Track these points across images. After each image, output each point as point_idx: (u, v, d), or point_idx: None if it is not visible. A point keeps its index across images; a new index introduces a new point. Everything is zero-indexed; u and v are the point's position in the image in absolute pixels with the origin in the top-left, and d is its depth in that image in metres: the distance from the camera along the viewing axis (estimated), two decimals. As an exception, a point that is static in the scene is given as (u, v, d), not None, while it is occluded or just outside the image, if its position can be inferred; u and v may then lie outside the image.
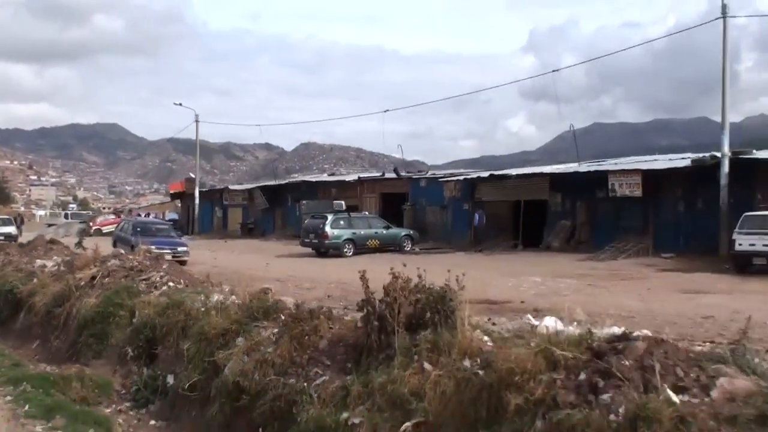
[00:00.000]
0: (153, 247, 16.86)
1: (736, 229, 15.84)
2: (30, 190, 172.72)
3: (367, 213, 25.96)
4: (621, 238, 21.52)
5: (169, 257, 17.98)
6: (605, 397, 4.49)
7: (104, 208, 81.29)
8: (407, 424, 5.32)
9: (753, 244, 15.30)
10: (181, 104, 39.87)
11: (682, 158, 21.03)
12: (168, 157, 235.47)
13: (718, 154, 19.23)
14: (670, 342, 5.17)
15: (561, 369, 4.91)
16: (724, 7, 18.74)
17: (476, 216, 23.91)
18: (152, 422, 8.06)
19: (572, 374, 4.87)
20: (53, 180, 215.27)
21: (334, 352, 7.07)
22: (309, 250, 22.66)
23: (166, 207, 57.35)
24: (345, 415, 5.71)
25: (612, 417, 4.26)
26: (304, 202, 29.60)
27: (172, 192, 50.65)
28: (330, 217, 22.50)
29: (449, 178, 27.22)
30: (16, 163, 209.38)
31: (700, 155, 20.28)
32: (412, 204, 28.66)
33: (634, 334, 5.16)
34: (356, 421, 5.60)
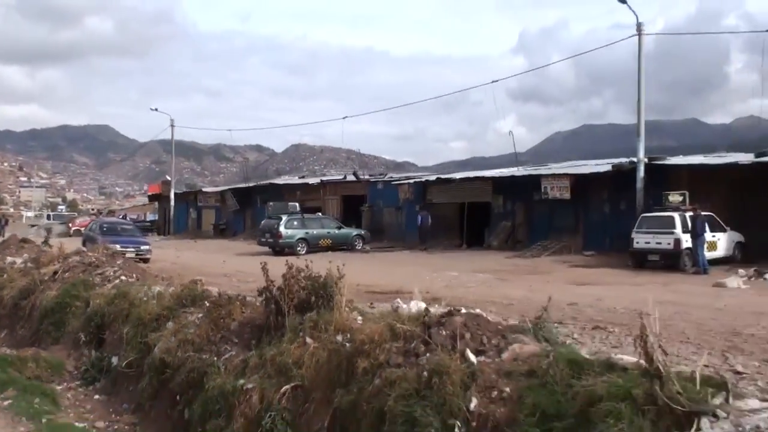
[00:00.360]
0: (118, 246, 17.68)
1: (635, 229, 17.09)
2: (19, 192, 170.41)
3: (320, 214, 26.91)
4: (554, 237, 22.69)
5: (132, 255, 18.89)
6: (422, 358, 5.58)
7: (92, 210, 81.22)
8: (286, 386, 6.41)
9: (648, 242, 16.56)
10: (156, 109, 40.22)
11: (607, 163, 22.24)
12: (159, 158, 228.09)
13: (645, 159, 20.51)
14: (484, 317, 6.26)
15: (400, 339, 5.99)
16: (639, 25, 19.93)
17: (419, 217, 24.98)
18: (96, 396, 8.96)
19: (407, 342, 5.95)
20: (43, 181, 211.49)
21: (243, 332, 8.09)
22: (267, 249, 23.58)
23: (147, 208, 57.79)
24: (241, 381, 6.77)
25: (422, 372, 5.33)
26: (270, 203, 30.54)
27: (150, 194, 51.21)
28: (284, 218, 23.42)
29: (403, 181, 28.29)
30: (6, 164, 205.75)
31: (621, 161, 21.50)
32: (370, 206, 29.67)
33: (462, 311, 6.23)
34: (249, 386, 6.66)
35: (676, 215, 16.22)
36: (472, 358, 5.42)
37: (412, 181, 27.76)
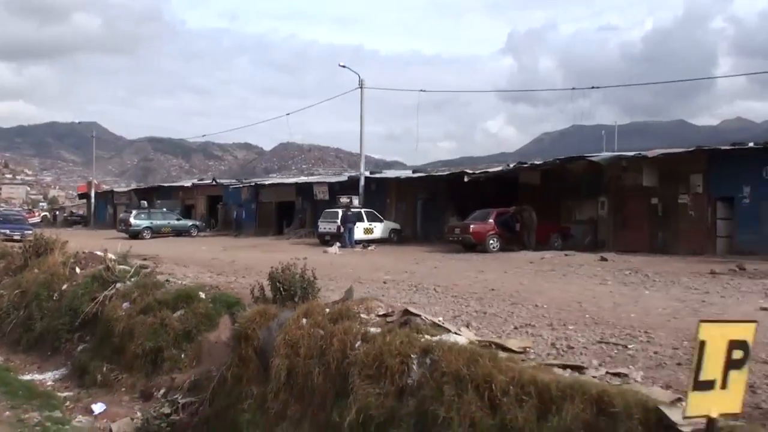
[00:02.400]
0: (8, 230, 27.69)
1: (320, 219, 27.07)
2: (1, 189, 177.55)
3: (165, 209, 36.97)
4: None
5: (18, 237, 28.68)
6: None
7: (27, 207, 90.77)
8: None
9: (326, 228, 26.48)
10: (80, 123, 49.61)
11: (348, 175, 32.03)
12: (146, 155, 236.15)
13: (367, 173, 30.36)
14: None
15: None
16: (360, 81, 29.58)
17: (236, 212, 34.93)
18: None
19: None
20: (29, 179, 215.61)
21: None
22: (124, 234, 33.35)
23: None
24: None
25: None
26: (158, 201, 40.19)
27: (79, 193, 61.17)
28: (134, 211, 33.35)
29: (242, 185, 38.34)
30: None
31: (354, 173, 31.30)
32: (223, 204, 39.61)
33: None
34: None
35: (339, 211, 26.01)
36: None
37: (249, 184, 37.79)
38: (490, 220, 21.80)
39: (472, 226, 21.57)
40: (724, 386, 3.06)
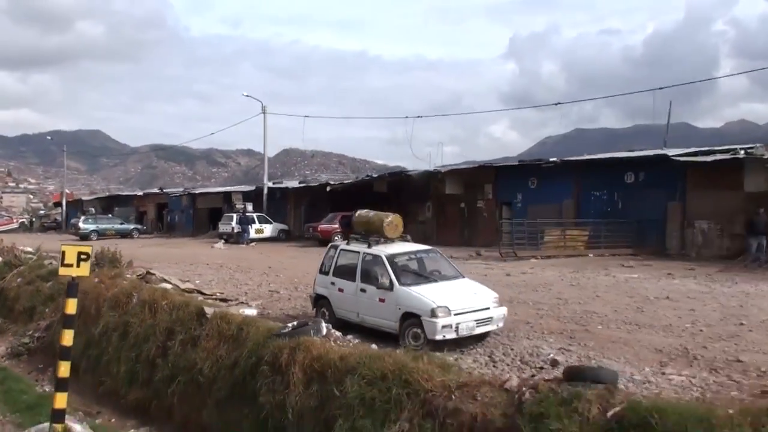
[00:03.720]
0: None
1: (221, 221, 33.36)
2: (1, 197, 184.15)
3: (110, 215, 43.44)
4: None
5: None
6: None
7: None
8: None
9: (224, 228, 32.74)
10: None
11: (257, 186, 38.42)
12: (150, 163, 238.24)
13: (270, 183, 36.64)
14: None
15: None
16: (263, 107, 35.90)
17: (169, 217, 41.31)
18: None
19: None
20: (32, 187, 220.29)
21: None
22: (75, 237, 39.77)
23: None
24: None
25: None
26: (116, 208, 46.59)
27: (54, 201, 67.99)
28: (83, 217, 39.85)
29: (181, 194, 44.81)
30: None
31: (271, 183, 37.64)
32: (168, 210, 46.02)
33: None
34: None
35: (234, 215, 32.28)
36: None
37: (185, 193, 44.28)
38: (336, 221, 28.04)
39: (320, 225, 27.84)
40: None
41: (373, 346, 9.49)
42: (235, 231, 31.36)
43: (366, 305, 10.42)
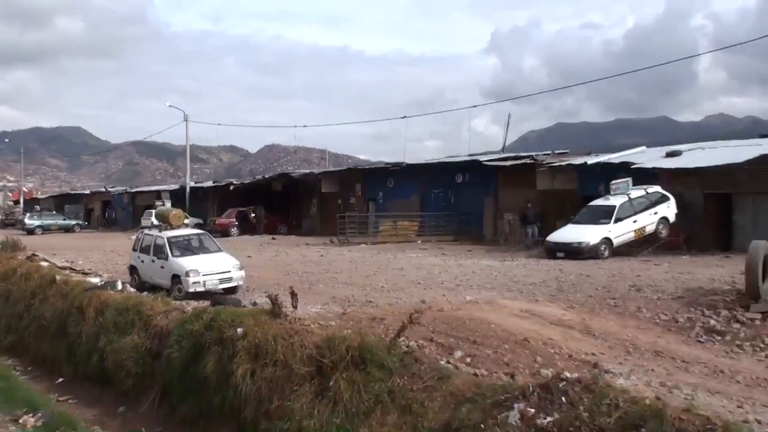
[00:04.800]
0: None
1: (142, 217, 38.28)
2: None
3: (55, 212, 48.19)
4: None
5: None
6: None
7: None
8: None
9: (144, 223, 37.69)
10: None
11: (180, 185, 43.35)
12: (132, 159, 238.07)
13: (192, 183, 41.53)
14: None
15: None
16: (185, 116, 40.76)
17: (107, 213, 46.15)
18: None
19: None
20: (11, 184, 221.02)
21: None
22: (22, 232, 44.50)
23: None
24: None
25: None
26: (66, 206, 51.20)
27: (13, 200, 72.52)
28: (28, 214, 44.54)
29: (122, 192, 49.68)
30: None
31: (193, 183, 42.60)
32: (111, 207, 50.87)
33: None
34: None
35: (153, 211, 37.15)
36: None
37: (124, 192, 49.15)
38: (233, 216, 33.10)
39: (219, 220, 32.88)
40: None
41: (146, 293, 14.59)
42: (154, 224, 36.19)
43: (155, 271, 15.47)
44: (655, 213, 19.53)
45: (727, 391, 9.03)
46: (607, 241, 18.65)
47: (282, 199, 34.72)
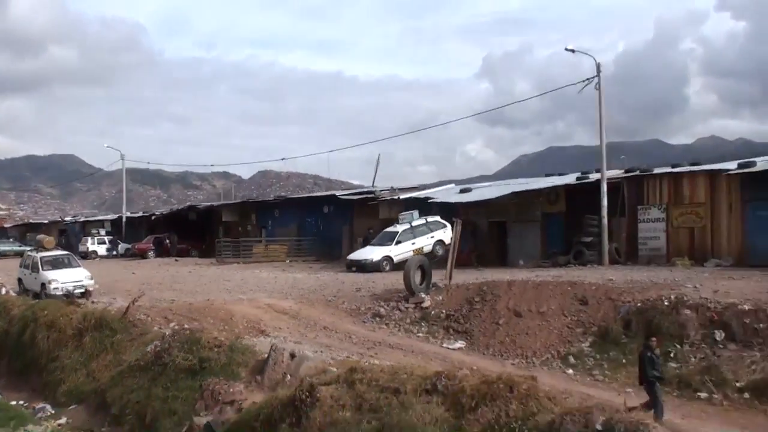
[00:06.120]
0: None
1: (79, 243, 44.42)
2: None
3: (12, 239, 54.33)
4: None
5: None
6: None
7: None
8: None
9: (82, 249, 43.77)
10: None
11: (117, 215, 49.60)
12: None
13: (128, 213, 47.76)
14: None
15: None
16: (122, 155, 47.20)
17: (59, 239, 52.44)
18: None
19: None
20: (2, 213, 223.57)
21: None
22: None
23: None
24: None
25: None
26: (28, 234, 57.50)
27: None
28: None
29: (76, 220, 55.91)
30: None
31: (129, 213, 48.74)
32: (65, 234, 57.10)
33: None
34: None
35: (89, 238, 43.29)
36: None
37: (77, 220, 55.44)
38: (150, 242, 39.30)
39: (137, 245, 39.08)
40: None
41: (23, 296, 20.78)
42: (89, 249, 42.44)
43: (32, 280, 21.63)
44: (432, 237, 25.73)
45: (341, 347, 15.20)
46: (389, 258, 24.85)
47: (195, 226, 40.98)
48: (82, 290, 20.95)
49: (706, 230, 22.13)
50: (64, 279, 20.81)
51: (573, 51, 23.68)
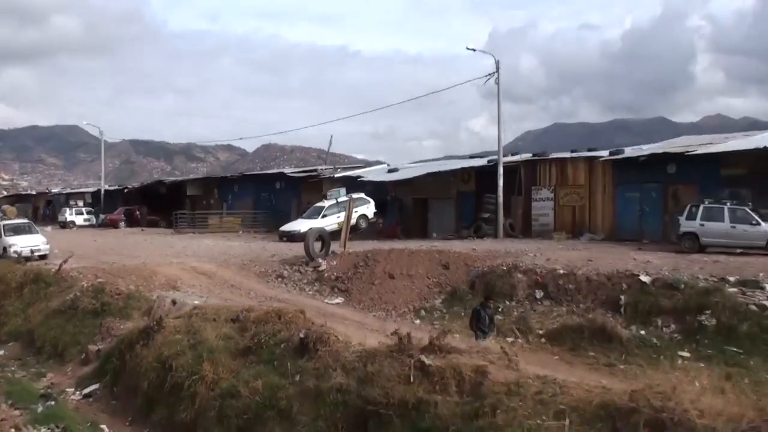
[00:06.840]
0: None
1: (60, 213, 47.89)
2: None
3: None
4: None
5: None
6: None
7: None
8: None
9: (61, 218, 47.21)
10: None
11: (96, 188, 52.90)
12: (129, 158, 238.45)
13: (107, 186, 51.09)
14: None
15: None
16: (101, 132, 50.34)
17: (43, 210, 55.87)
18: None
19: None
20: (5, 183, 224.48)
21: None
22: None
23: None
24: None
25: None
26: (17, 204, 61.19)
27: None
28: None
29: (62, 192, 59.31)
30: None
31: (107, 186, 52.02)
32: (51, 205, 60.49)
33: None
34: None
35: (67, 209, 46.69)
36: None
37: (62, 192, 58.84)
38: (120, 213, 42.67)
39: (109, 216, 42.46)
40: None
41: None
42: (68, 219, 45.81)
43: (-3, 245, 25.05)
44: (356, 211, 28.90)
45: (239, 301, 18.46)
46: (314, 229, 28.06)
47: (164, 199, 44.31)
48: (41, 254, 24.25)
49: (585, 209, 25.30)
50: (23, 243, 24.11)
51: (474, 50, 26.58)
